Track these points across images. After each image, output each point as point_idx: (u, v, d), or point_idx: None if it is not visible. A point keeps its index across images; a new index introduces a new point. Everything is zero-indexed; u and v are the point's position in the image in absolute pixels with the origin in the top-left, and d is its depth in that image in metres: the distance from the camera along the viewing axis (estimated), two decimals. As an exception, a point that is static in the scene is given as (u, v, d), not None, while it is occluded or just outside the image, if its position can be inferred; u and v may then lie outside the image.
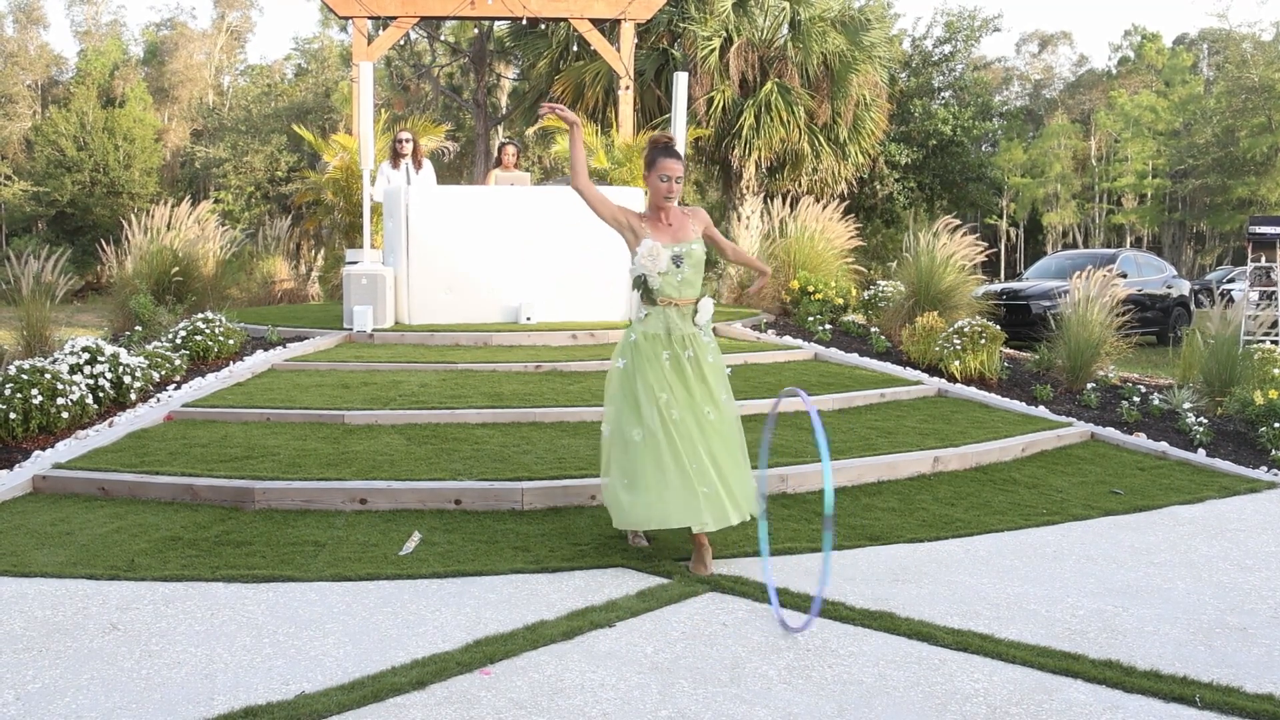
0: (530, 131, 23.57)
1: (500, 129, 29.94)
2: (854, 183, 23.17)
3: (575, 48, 19.98)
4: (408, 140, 11.22)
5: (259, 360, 8.40)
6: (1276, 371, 8.38)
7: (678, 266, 4.65)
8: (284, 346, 8.97)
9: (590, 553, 4.76)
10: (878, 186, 28.67)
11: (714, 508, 4.54)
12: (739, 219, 19.45)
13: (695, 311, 4.72)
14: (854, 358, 9.38)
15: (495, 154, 11.92)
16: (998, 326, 9.08)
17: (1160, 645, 3.83)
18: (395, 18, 14.01)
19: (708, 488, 4.54)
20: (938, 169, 30.06)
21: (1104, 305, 9.37)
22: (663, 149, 4.73)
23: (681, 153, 4.88)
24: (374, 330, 9.31)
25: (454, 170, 29.45)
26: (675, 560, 4.68)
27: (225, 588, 4.29)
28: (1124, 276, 10.41)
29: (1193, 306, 17.18)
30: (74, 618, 3.95)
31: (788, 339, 10.02)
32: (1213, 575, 4.69)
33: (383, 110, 20.19)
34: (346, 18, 14.05)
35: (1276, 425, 7.43)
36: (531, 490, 5.42)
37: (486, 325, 9.67)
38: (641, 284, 4.71)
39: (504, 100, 31.15)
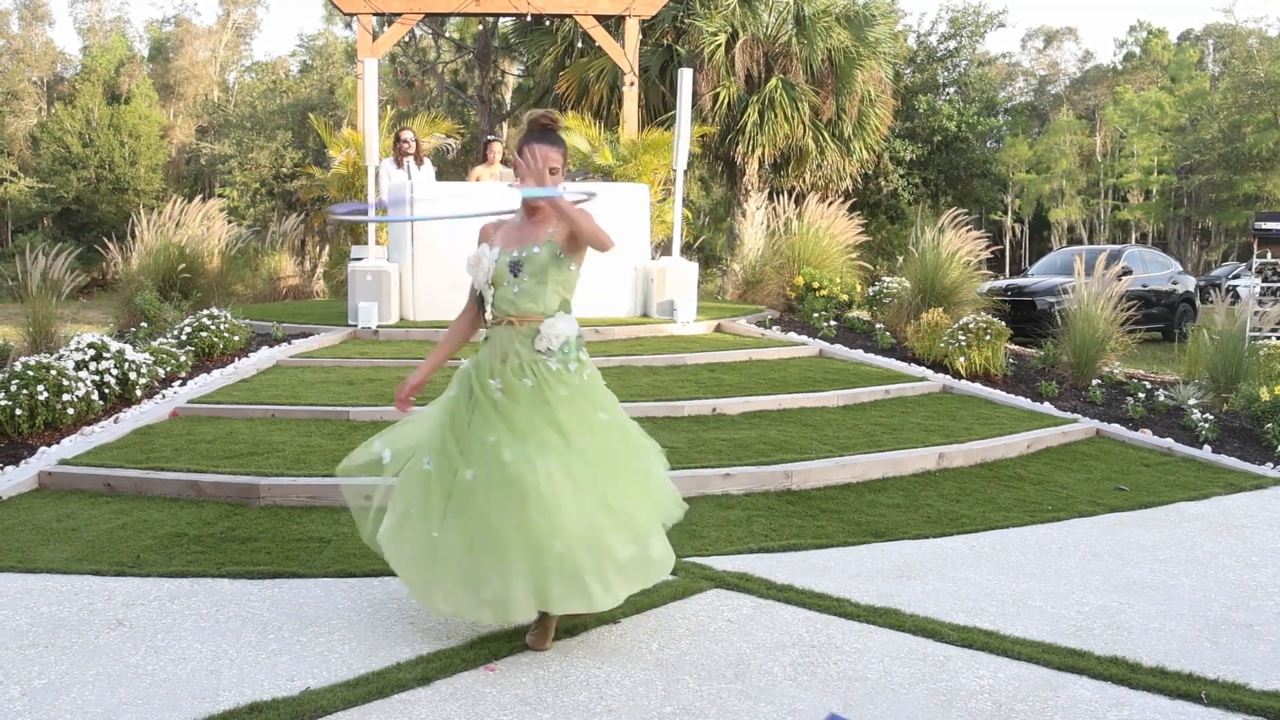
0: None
1: (505, 125, 29.94)
2: (859, 179, 23.18)
3: (580, 44, 19.98)
4: (410, 141, 11.26)
5: (264, 357, 8.41)
6: (1282, 367, 8.37)
7: (515, 274, 3.75)
8: (289, 343, 8.98)
9: (595, 549, 4.75)
10: (882, 183, 28.66)
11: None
12: (743, 215, 19.45)
13: (537, 333, 3.74)
14: (859, 354, 9.37)
15: (482, 150, 11.96)
16: (1003, 322, 9.08)
17: (1166, 642, 3.82)
18: (400, 14, 14.01)
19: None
20: (942, 165, 30.04)
21: (1109, 301, 9.35)
22: (539, 132, 3.81)
23: (682, 152, 4.19)
24: (379, 326, 9.31)
25: (458, 167, 29.42)
26: (679, 558, 4.67)
27: (230, 584, 4.30)
28: (1129, 273, 10.38)
29: (1198, 302, 17.15)
30: (79, 614, 3.96)
31: (793, 335, 10.01)
32: (1218, 572, 4.68)
33: (388, 107, 20.21)
34: (351, 14, 14.06)
35: (1283, 422, 7.41)
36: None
37: (491, 322, 9.66)
38: (479, 301, 3.99)
39: (508, 97, 31.14)
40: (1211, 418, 7.73)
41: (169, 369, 7.82)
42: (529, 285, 3.75)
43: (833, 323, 10.52)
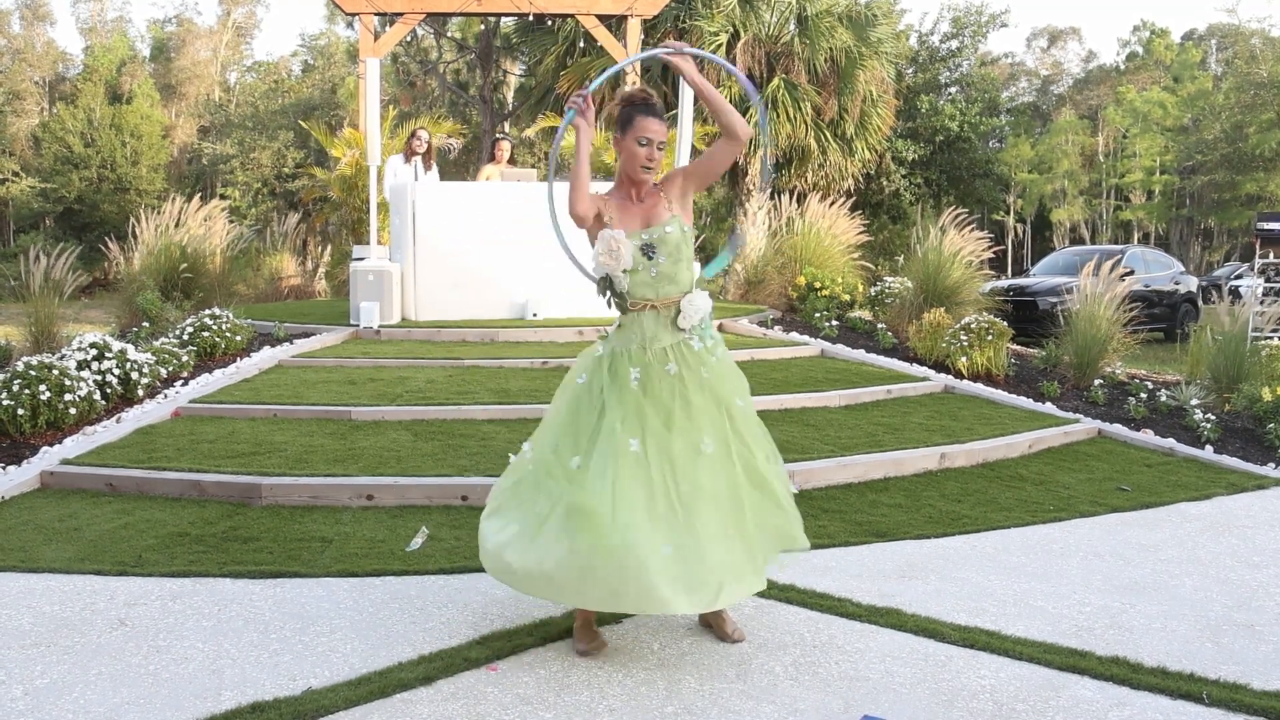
0: (532, 132, 23.57)
1: (506, 125, 29.95)
2: (860, 179, 23.20)
3: (582, 44, 19.97)
4: (424, 140, 11.30)
5: (266, 356, 8.42)
6: (1284, 368, 8.36)
7: (649, 258, 3.65)
8: (291, 343, 8.98)
9: (596, 549, 4.75)
10: (884, 183, 28.67)
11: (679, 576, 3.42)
12: (745, 215, 19.46)
13: (677, 313, 3.68)
14: (860, 354, 9.37)
15: (490, 149, 11.99)
16: (1005, 323, 9.07)
17: (1167, 642, 3.82)
18: (401, 14, 14.01)
19: (670, 545, 3.44)
20: (945, 165, 30.05)
21: (1111, 301, 9.34)
22: (641, 106, 3.69)
23: (685, 151, 4.05)
24: (381, 326, 9.32)
25: (460, 166, 29.49)
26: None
27: (232, 583, 4.30)
28: (1131, 273, 10.37)
29: (1200, 303, 17.13)
30: (81, 613, 3.97)
31: (794, 335, 10.02)
32: (1220, 572, 4.68)
33: (390, 107, 20.22)
34: (353, 14, 14.06)
35: (1285, 422, 7.41)
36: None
37: (493, 321, 9.68)
38: (607, 287, 3.71)
39: (510, 97, 31.15)
40: (1213, 418, 7.73)
41: (171, 369, 7.82)
42: (666, 266, 3.66)
43: (834, 323, 10.52)
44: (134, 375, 7.15)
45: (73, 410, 6.49)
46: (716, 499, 3.53)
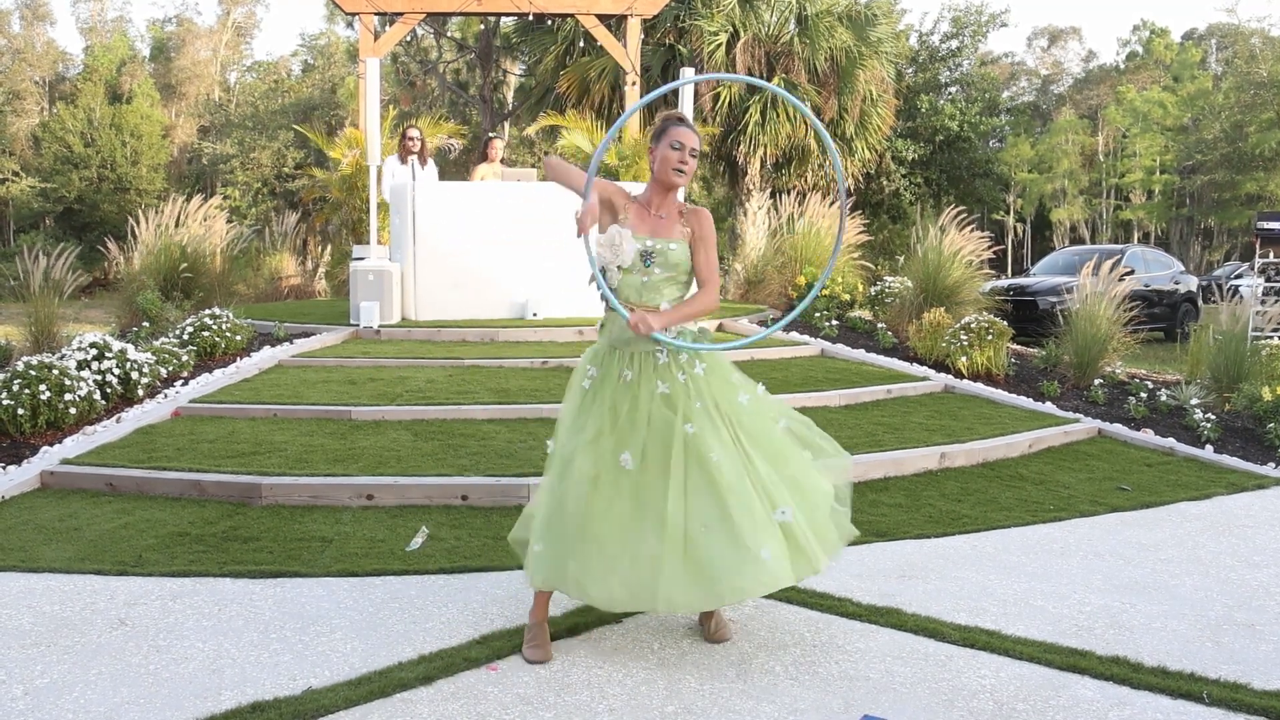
0: (532, 131, 23.58)
1: (506, 125, 29.95)
2: (860, 179, 23.19)
3: (581, 44, 19.98)
4: (417, 139, 11.27)
5: (266, 356, 8.41)
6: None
7: (646, 264, 3.66)
8: (291, 343, 8.98)
9: (596, 549, 4.75)
10: (884, 182, 28.67)
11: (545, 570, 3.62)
12: (745, 215, 19.48)
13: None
14: (860, 354, 9.37)
15: (482, 149, 11.93)
16: (1005, 322, 9.07)
17: (1167, 642, 3.82)
18: (401, 13, 14.00)
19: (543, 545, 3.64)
20: (945, 165, 30.03)
21: (1111, 301, 9.34)
22: (677, 120, 3.77)
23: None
24: (381, 326, 9.32)
25: (460, 166, 29.46)
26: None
27: (232, 583, 4.30)
28: (1131, 273, 10.36)
29: (1200, 302, 17.13)
30: (82, 613, 3.97)
31: (795, 335, 10.01)
32: (1220, 572, 4.68)
33: (390, 106, 20.22)
34: (353, 14, 14.05)
35: (1285, 421, 7.40)
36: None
37: (493, 321, 9.68)
38: (600, 277, 3.74)
39: (510, 96, 31.15)
40: (1213, 418, 7.73)
41: (171, 369, 7.82)
42: (658, 278, 3.69)
43: (835, 322, 10.51)
44: (134, 375, 7.15)
45: (73, 410, 6.49)
46: (614, 515, 3.52)
